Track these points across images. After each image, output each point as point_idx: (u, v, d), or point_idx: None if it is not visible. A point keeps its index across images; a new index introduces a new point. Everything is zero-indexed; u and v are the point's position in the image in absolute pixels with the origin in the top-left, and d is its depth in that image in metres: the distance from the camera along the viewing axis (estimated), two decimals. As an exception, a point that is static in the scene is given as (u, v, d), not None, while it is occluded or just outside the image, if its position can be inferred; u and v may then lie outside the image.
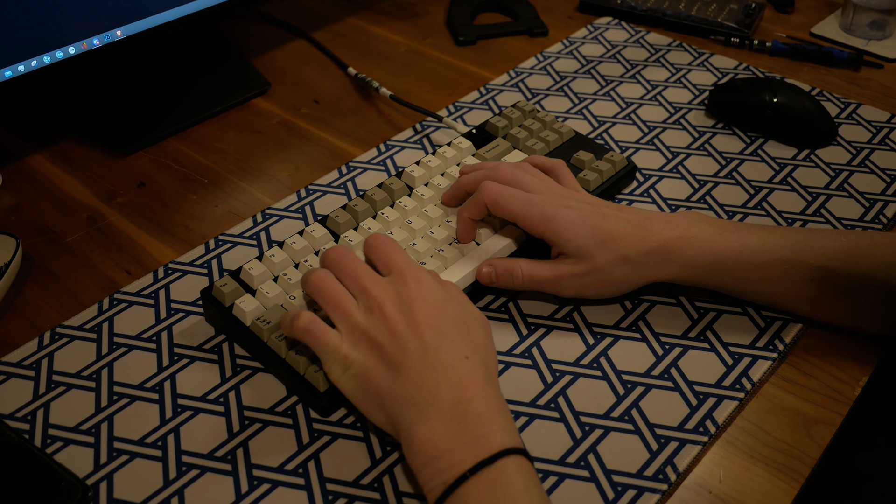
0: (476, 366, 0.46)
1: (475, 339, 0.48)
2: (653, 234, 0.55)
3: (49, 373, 0.54)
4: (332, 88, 0.86)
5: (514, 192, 0.56)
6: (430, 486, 0.43)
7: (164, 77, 0.84)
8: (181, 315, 0.59)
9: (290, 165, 0.75)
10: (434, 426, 0.44)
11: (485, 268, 0.57)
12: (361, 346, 0.47)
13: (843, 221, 0.67)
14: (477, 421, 0.44)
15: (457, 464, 0.42)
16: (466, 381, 0.45)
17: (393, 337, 0.47)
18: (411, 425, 0.44)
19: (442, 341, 0.46)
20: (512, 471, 0.42)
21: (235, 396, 0.53)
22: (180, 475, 0.49)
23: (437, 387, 0.45)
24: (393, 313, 0.47)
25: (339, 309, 0.49)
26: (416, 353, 0.46)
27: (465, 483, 0.41)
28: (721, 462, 0.51)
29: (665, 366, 0.55)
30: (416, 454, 0.44)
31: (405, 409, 0.45)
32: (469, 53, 0.91)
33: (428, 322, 0.47)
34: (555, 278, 0.56)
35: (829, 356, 0.57)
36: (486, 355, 0.48)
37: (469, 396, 0.44)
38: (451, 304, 0.49)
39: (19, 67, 0.67)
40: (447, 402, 0.44)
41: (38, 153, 0.76)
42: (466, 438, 0.43)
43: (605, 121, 0.79)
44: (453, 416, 0.44)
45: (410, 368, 0.45)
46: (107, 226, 0.68)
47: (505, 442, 0.43)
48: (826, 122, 0.75)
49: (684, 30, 0.94)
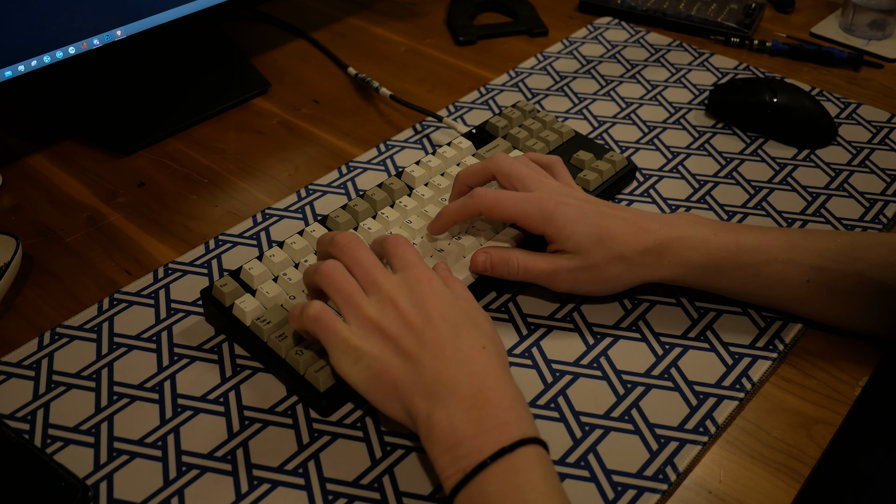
0: (493, 356, 0.47)
1: (487, 331, 0.48)
2: (649, 234, 0.55)
3: (49, 373, 0.54)
4: (332, 88, 0.86)
5: (509, 195, 0.56)
6: (449, 472, 0.43)
7: (164, 77, 0.85)
8: (181, 315, 0.59)
9: (290, 165, 0.75)
10: (454, 413, 0.44)
11: (480, 256, 0.57)
12: (374, 338, 0.47)
13: (843, 221, 0.67)
14: (497, 409, 0.44)
15: (477, 450, 0.42)
16: (486, 370, 0.45)
17: (409, 329, 0.47)
18: (430, 413, 0.44)
19: (458, 332, 0.47)
20: (532, 459, 0.42)
21: (235, 396, 0.53)
22: (180, 475, 0.49)
23: (458, 375, 0.45)
24: (407, 307, 0.48)
25: (350, 301, 0.49)
26: (433, 344, 0.46)
27: (484, 470, 0.41)
28: (721, 462, 0.51)
29: (665, 366, 0.55)
30: (436, 441, 0.44)
31: (423, 398, 0.45)
32: (469, 53, 0.91)
33: (441, 315, 0.47)
34: (550, 271, 0.56)
35: (829, 356, 0.57)
36: (499, 346, 0.49)
37: (489, 385, 0.45)
38: (461, 301, 0.50)
39: (19, 67, 0.67)
40: (467, 391, 0.44)
41: (38, 153, 0.76)
42: (487, 426, 0.43)
43: (605, 121, 0.79)
44: (474, 404, 0.44)
45: (429, 358, 0.46)
46: (107, 226, 0.68)
47: (525, 431, 0.43)
48: (826, 122, 0.75)
49: (684, 30, 0.94)
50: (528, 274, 0.56)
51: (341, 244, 0.52)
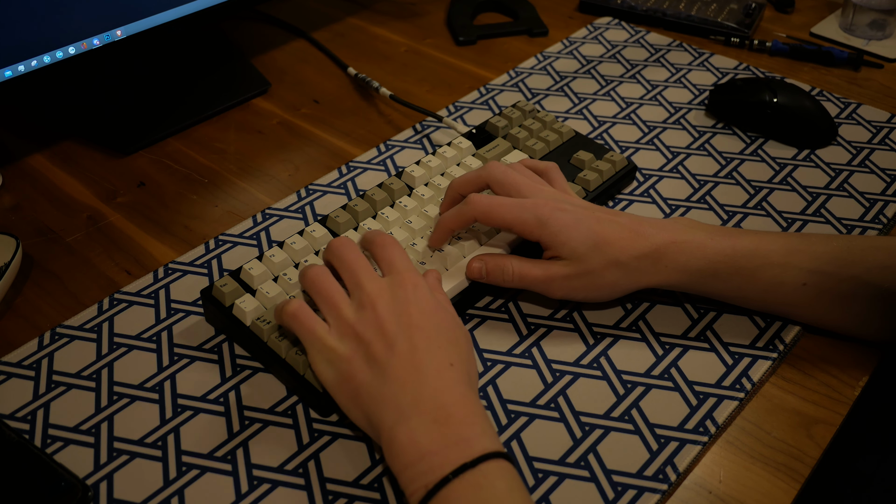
0: (460, 373, 0.47)
1: (461, 348, 0.48)
2: (645, 239, 0.54)
3: (49, 373, 0.54)
4: (332, 88, 0.86)
5: (504, 201, 0.55)
6: (412, 488, 0.42)
7: (164, 77, 0.84)
8: (181, 315, 0.59)
9: (290, 165, 0.75)
10: (416, 428, 0.43)
11: (475, 263, 0.57)
12: (347, 340, 0.48)
13: (843, 221, 0.67)
14: (460, 425, 0.44)
15: (439, 466, 0.42)
16: (450, 387, 0.45)
17: (382, 335, 0.47)
18: (392, 426, 0.44)
19: (430, 346, 0.47)
20: (495, 474, 0.42)
21: (235, 396, 0.53)
22: (180, 475, 0.49)
23: (421, 390, 0.45)
24: (385, 312, 0.48)
25: (329, 301, 0.49)
26: (404, 355, 0.46)
27: (447, 486, 0.41)
28: (721, 462, 0.51)
29: (665, 366, 0.55)
30: (397, 456, 0.43)
31: (386, 409, 0.45)
32: (469, 53, 0.91)
33: (419, 325, 0.47)
34: (545, 278, 0.55)
35: (829, 356, 0.57)
36: (470, 364, 0.48)
37: (452, 401, 0.45)
38: (442, 312, 0.49)
39: (19, 67, 0.67)
40: (430, 406, 0.44)
41: (38, 153, 0.76)
42: (449, 441, 0.43)
43: (605, 121, 0.79)
44: (436, 419, 0.44)
45: (395, 369, 0.46)
46: (107, 226, 0.68)
47: (487, 446, 0.43)
48: (826, 122, 0.75)
49: (684, 30, 0.94)
50: (523, 281, 0.56)
51: (332, 247, 0.53)
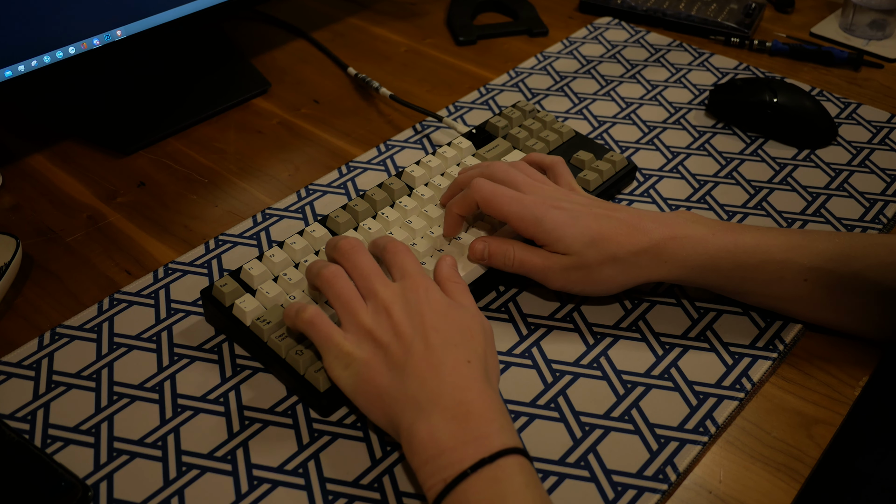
0: (477, 370, 0.47)
1: (477, 344, 0.49)
2: (644, 234, 0.54)
3: (49, 373, 0.54)
4: (332, 88, 0.86)
5: (506, 192, 0.56)
6: (430, 483, 0.43)
7: (164, 77, 0.84)
8: (181, 315, 0.59)
9: (290, 165, 0.75)
10: (435, 424, 0.44)
11: (479, 244, 0.57)
12: (365, 344, 0.48)
13: (843, 221, 0.67)
14: (478, 421, 0.44)
15: (457, 461, 0.42)
16: (468, 383, 0.46)
17: (399, 338, 0.47)
18: (412, 423, 0.45)
19: (446, 345, 0.47)
20: (513, 469, 0.42)
21: (235, 396, 0.53)
22: (180, 475, 0.49)
23: (440, 387, 0.45)
24: (400, 316, 0.48)
25: (347, 307, 0.50)
26: (421, 355, 0.47)
27: (465, 480, 0.42)
28: (721, 462, 0.51)
29: (665, 366, 0.55)
30: (417, 452, 0.44)
31: (406, 407, 0.45)
32: (469, 53, 0.91)
33: (433, 326, 0.48)
34: (544, 267, 0.56)
35: (829, 356, 0.57)
36: (487, 360, 0.49)
37: (471, 397, 0.45)
38: (457, 311, 0.50)
39: (19, 67, 0.67)
40: (449, 402, 0.45)
41: (38, 153, 0.76)
42: (467, 437, 0.43)
43: (605, 121, 0.79)
44: (455, 416, 0.44)
45: (414, 369, 0.46)
46: (107, 226, 0.68)
47: (506, 442, 0.43)
48: (826, 122, 0.75)
49: (684, 30, 0.94)
50: (522, 267, 0.56)
51: (343, 249, 0.53)
